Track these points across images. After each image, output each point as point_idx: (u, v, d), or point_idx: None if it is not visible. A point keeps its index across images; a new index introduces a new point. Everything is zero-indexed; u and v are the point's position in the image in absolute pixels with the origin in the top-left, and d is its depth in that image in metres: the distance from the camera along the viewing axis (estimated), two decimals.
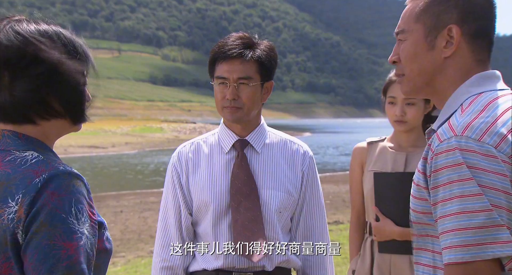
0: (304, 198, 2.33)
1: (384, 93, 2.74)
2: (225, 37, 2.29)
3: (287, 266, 2.28)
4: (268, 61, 2.27)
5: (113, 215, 11.34)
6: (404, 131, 2.68)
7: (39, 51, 1.33)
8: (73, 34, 1.44)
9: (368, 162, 2.76)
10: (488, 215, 1.20)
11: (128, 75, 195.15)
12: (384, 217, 2.62)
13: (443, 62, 1.40)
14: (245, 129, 2.30)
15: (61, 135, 1.45)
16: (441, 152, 1.26)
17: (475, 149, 1.23)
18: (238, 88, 2.21)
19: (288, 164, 2.32)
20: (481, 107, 1.30)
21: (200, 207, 2.26)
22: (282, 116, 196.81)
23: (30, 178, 1.27)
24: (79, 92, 1.39)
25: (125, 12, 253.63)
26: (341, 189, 14.85)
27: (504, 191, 1.22)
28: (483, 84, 1.37)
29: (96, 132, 39.44)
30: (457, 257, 1.21)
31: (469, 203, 1.21)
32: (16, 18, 1.39)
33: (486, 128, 1.25)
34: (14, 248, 1.25)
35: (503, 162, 1.22)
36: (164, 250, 2.30)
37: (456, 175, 1.23)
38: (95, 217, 1.33)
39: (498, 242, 1.19)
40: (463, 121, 1.28)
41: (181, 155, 2.32)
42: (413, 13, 1.42)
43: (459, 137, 1.25)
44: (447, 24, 1.38)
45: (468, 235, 1.20)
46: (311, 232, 2.34)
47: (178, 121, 68.41)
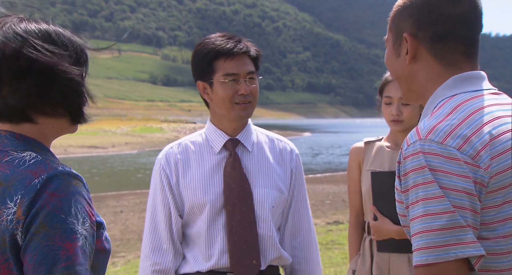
0: (293, 195, 2.35)
1: (380, 93, 2.75)
2: (209, 37, 2.28)
3: (278, 263, 2.29)
4: (259, 56, 2.29)
5: (113, 215, 11.35)
6: (401, 131, 2.68)
7: (38, 51, 1.32)
8: (74, 35, 1.43)
9: (366, 161, 2.77)
10: (450, 217, 1.21)
11: (128, 75, 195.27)
12: (382, 216, 2.63)
13: (411, 69, 1.43)
14: (237, 128, 2.29)
15: (59, 135, 1.44)
16: (408, 156, 1.29)
17: (437, 152, 1.25)
18: (248, 83, 2.22)
19: (278, 162, 2.33)
20: (450, 109, 1.33)
21: (193, 209, 2.23)
22: (282, 116, 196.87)
23: (29, 179, 1.27)
24: (78, 92, 1.38)
25: (125, 12, 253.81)
26: (341, 189, 14.86)
27: (466, 192, 1.23)
28: (459, 86, 1.38)
29: (96, 132, 39.48)
30: (422, 259, 1.23)
31: (432, 206, 1.23)
32: (16, 17, 1.38)
33: (450, 130, 1.27)
34: (13, 249, 1.24)
35: (465, 164, 1.24)
36: (155, 253, 2.25)
37: (420, 179, 1.25)
38: (94, 217, 1.33)
39: (460, 243, 1.21)
40: (429, 124, 1.30)
41: (169, 156, 2.28)
42: (388, 24, 1.50)
43: (423, 141, 1.27)
44: (404, 33, 1.43)
45: (431, 237, 1.22)
46: (298, 229, 2.35)
47: (178, 121, 68.39)
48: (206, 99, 2.27)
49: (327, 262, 6.65)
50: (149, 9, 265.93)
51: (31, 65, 1.31)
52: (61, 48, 1.36)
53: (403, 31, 1.43)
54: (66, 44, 1.38)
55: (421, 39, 1.41)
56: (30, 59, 1.31)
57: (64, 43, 1.38)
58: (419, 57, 1.42)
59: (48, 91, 1.33)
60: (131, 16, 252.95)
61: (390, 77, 2.70)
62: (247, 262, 2.19)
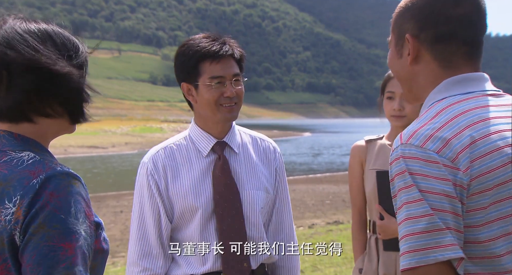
0: (277, 194, 2.36)
1: (382, 90, 2.75)
2: (193, 38, 2.26)
3: (267, 262, 2.31)
4: (243, 57, 2.29)
5: (113, 215, 11.35)
6: (402, 126, 2.69)
7: (37, 51, 1.32)
8: (76, 38, 1.43)
9: (368, 160, 2.77)
10: (429, 220, 1.22)
11: (128, 75, 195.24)
12: (389, 215, 2.62)
13: (412, 70, 1.44)
14: (223, 130, 2.28)
15: (58, 135, 1.44)
16: (392, 161, 1.30)
17: (417, 155, 1.26)
18: (234, 85, 2.22)
19: (263, 162, 2.34)
20: (434, 113, 1.33)
21: (184, 214, 2.21)
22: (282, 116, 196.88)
23: (28, 179, 1.26)
24: (77, 91, 1.37)
25: (125, 12, 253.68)
26: (341, 189, 14.86)
27: (445, 195, 1.23)
28: (450, 89, 1.38)
29: (96, 132, 39.48)
30: (406, 263, 1.24)
31: (413, 209, 1.24)
32: (15, 17, 1.38)
33: (430, 134, 1.27)
34: (12, 250, 1.24)
35: (444, 167, 1.24)
36: (145, 259, 2.23)
37: (402, 183, 1.27)
38: (93, 218, 1.32)
39: (439, 246, 1.21)
40: (411, 128, 1.31)
41: (156, 161, 2.25)
42: (391, 25, 1.51)
43: (404, 145, 1.29)
44: (406, 34, 1.43)
45: (412, 241, 1.23)
46: (281, 227, 2.37)
47: (178, 121, 68.35)
48: (190, 100, 2.26)
49: (327, 262, 6.65)
50: (149, 9, 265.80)
51: (30, 65, 1.30)
52: (61, 48, 1.36)
53: (405, 32, 1.43)
54: (66, 44, 1.38)
55: (423, 40, 1.40)
56: (29, 59, 1.31)
57: (64, 43, 1.38)
58: (421, 59, 1.42)
59: (47, 91, 1.33)
60: (131, 16, 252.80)
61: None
62: (239, 265, 2.20)
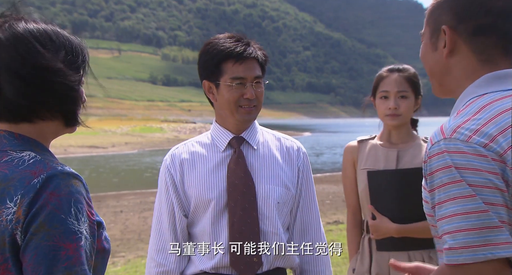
0: (300, 193, 2.32)
1: (374, 90, 2.74)
2: (217, 37, 2.27)
3: (284, 265, 2.26)
4: (267, 60, 2.29)
5: (113, 215, 11.34)
6: (396, 126, 2.69)
7: (36, 51, 1.32)
8: (77, 39, 1.43)
9: (360, 160, 2.77)
10: (481, 216, 1.19)
11: (128, 75, 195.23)
12: (381, 215, 2.63)
13: (447, 63, 1.41)
14: (243, 128, 2.29)
15: (57, 135, 1.43)
16: (433, 155, 1.27)
17: (463, 150, 1.23)
18: (254, 87, 2.22)
19: (285, 160, 2.32)
20: (477, 108, 1.30)
21: (199, 206, 2.22)
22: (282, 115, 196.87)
23: (28, 178, 1.26)
24: (73, 94, 1.37)
25: (125, 12, 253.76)
26: (341, 189, 14.74)
27: (498, 189, 1.20)
28: (491, 85, 1.34)
29: (96, 132, 39.44)
30: (452, 259, 1.21)
31: (461, 205, 1.21)
32: (14, 17, 1.38)
33: (475, 129, 1.25)
34: (13, 249, 1.24)
35: (493, 161, 1.22)
36: (159, 255, 2.25)
37: (446, 178, 1.24)
38: (94, 217, 1.32)
39: (491, 244, 1.18)
40: (454, 123, 1.29)
41: (175, 157, 2.28)
42: (425, 17, 1.47)
43: (448, 140, 1.26)
44: (442, 25, 1.40)
45: (461, 237, 1.20)
46: (307, 228, 2.33)
47: (178, 121, 68.38)
48: (210, 98, 2.28)
49: None
50: (149, 9, 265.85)
51: (29, 65, 1.30)
52: (60, 48, 1.36)
53: (442, 24, 1.39)
54: (65, 44, 1.38)
55: (461, 32, 1.37)
56: (29, 59, 1.30)
57: (63, 43, 1.38)
58: (457, 51, 1.38)
59: (45, 92, 1.33)
60: (131, 16, 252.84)
61: (385, 72, 2.72)
62: (247, 259, 2.17)
